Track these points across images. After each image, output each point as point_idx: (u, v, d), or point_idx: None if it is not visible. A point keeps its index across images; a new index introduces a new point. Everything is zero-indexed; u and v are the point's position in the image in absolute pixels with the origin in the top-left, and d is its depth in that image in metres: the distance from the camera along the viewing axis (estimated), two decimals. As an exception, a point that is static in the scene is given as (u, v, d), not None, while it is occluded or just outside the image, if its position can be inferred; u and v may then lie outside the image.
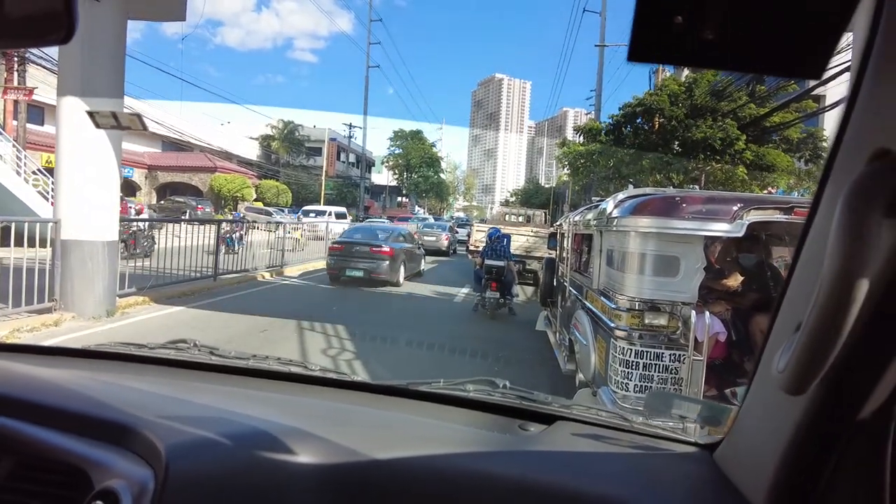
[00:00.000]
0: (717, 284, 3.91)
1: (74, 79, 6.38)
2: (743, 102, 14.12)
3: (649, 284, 3.08)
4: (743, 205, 2.86)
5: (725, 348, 3.54)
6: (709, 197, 3.12)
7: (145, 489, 0.77)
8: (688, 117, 14.39)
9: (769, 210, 2.89)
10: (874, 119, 0.55)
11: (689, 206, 2.95)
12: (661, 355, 3.08)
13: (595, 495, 0.84)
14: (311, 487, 0.85)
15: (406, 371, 4.92)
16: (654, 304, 3.07)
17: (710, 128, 13.81)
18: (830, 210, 0.52)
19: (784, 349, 0.57)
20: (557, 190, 47.02)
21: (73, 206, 6.49)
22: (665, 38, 0.45)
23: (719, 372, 3.45)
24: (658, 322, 3.07)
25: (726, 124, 13.69)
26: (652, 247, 3.06)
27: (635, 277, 3.12)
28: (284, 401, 1.15)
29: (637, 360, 3.10)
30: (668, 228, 2.97)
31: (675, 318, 3.05)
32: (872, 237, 0.46)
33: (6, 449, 0.89)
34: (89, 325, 6.29)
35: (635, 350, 3.10)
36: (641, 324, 3.09)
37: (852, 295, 0.48)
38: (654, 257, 3.07)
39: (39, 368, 1.19)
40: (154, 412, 0.92)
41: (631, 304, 3.11)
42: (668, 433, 1.11)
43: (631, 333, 3.11)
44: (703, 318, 2.99)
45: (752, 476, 0.78)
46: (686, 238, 2.98)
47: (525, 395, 1.26)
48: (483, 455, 0.94)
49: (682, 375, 3.04)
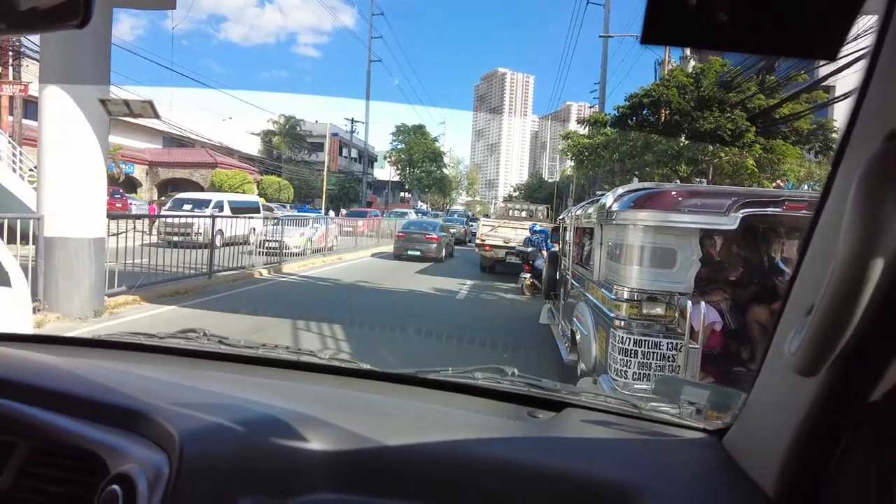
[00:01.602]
0: (715, 276, 4.03)
1: (57, 67, 6.10)
2: (752, 93, 13.69)
3: (647, 275, 3.19)
4: (736, 199, 2.97)
5: (722, 338, 3.66)
6: (704, 191, 3.23)
7: (160, 473, 0.78)
8: (695, 109, 13.85)
9: (761, 203, 3.00)
10: (890, 99, 0.55)
11: (685, 201, 3.06)
12: (659, 344, 3.20)
13: (604, 481, 0.85)
14: (322, 473, 0.87)
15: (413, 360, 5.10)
16: (651, 295, 3.19)
17: (718, 119, 13.32)
18: (844, 192, 0.52)
19: (796, 331, 0.58)
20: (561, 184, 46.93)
21: (57, 202, 6.19)
22: (678, 20, 0.45)
23: (716, 361, 3.57)
24: (656, 312, 3.18)
25: (735, 115, 13.22)
26: (650, 239, 3.17)
27: (634, 269, 3.24)
28: (295, 388, 1.17)
29: (635, 348, 3.22)
30: (666, 221, 3.09)
31: (672, 307, 3.17)
32: (888, 218, 0.46)
33: (23, 435, 0.91)
34: (75, 326, 6.12)
35: (634, 339, 3.22)
36: (640, 313, 3.20)
37: (867, 276, 0.48)
38: (651, 249, 3.18)
39: (53, 357, 1.21)
40: (167, 399, 0.94)
41: (630, 294, 3.23)
42: (676, 419, 1.11)
43: (630, 323, 3.23)
44: (699, 308, 3.11)
45: (762, 461, 0.79)
46: (682, 231, 3.09)
47: (533, 383, 1.26)
48: (493, 441, 0.95)
49: (679, 363, 3.16)
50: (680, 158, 14.39)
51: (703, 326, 3.15)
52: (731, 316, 3.59)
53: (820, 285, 0.52)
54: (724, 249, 4.25)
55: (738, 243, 4.10)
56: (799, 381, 0.67)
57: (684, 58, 17.85)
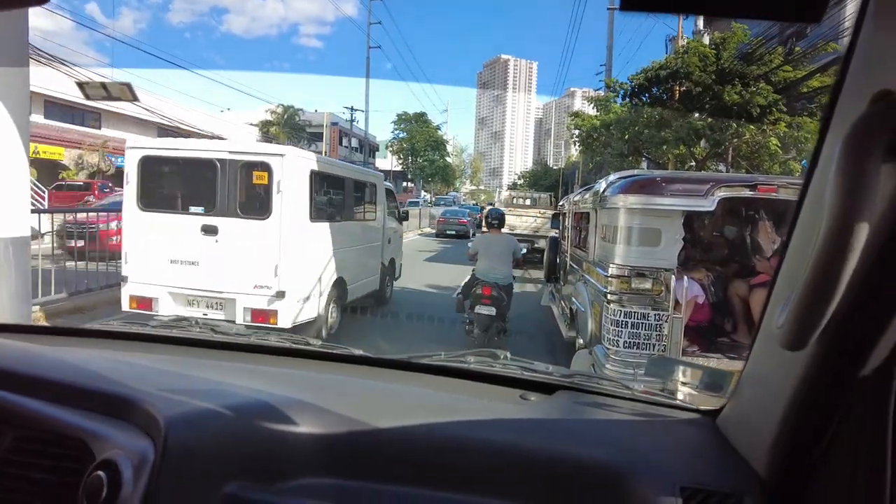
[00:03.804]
0: (699, 254, 4.39)
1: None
2: (776, 65, 12.31)
3: (636, 254, 3.55)
4: (714, 183, 3.31)
5: (708, 311, 4.02)
6: (685, 177, 3.58)
7: (145, 459, 0.78)
8: (716, 82, 12.66)
9: (736, 187, 3.34)
10: (875, 62, 0.53)
11: (669, 186, 3.41)
12: (647, 315, 3.56)
13: (597, 462, 0.85)
14: (311, 457, 0.87)
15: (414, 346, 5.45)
16: (640, 271, 3.54)
17: (740, 93, 11.99)
18: (831, 161, 0.49)
19: (783, 305, 0.56)
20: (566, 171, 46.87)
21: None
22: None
23: (700, 331, 3.93)
24: (644, 286, 3.54)
25: (762, 89, 11.90)
26: (637, 221, 3.52)
27: (624, 248, 3.59)
28: (286, 374, 1.16)
29: (626, 319, 3.58)
30: (651, 204, 3.44)
31: (658, 282, 3.52)
32: (872, 181, 0.45)
33: (8, 422, 0.90)
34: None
35: (625, 311, 3.58)
36: (629, 288, 3.56)
37: (850, 243, 0.46)
38: (639, 230, 3.53)
39: (39, 346, 1.20)
40: (153, 385, 0.94)
41: (620, 271, 3.59)
42: (669, 400, 1.11)
43: (621, 297, 3.59)
44: (682, 283, 3.46)
45: (754, 440, 0.79)
46: (667, 212, 3.44)
47: (526, 366, 1.26)
48: (484, 423, 0.95)
49: (665, 332, 3.53)
50: (700, 136, 13.24)
51: (686, 300, 3.51)
52: (714, 290, 3.94)
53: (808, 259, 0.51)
54: (707, 230, 4.60)
55: (720, 225, 4.45)
56: (788, 358, 0.67)
57: (698, 32, 16.59)
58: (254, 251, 4.73)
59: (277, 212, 4.70)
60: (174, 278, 4.84)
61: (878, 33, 0.54)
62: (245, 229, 4.77)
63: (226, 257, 4.77)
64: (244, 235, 4.76)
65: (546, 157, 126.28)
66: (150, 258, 4.91)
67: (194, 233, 4.80)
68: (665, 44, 17.63)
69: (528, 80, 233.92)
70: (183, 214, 4.93)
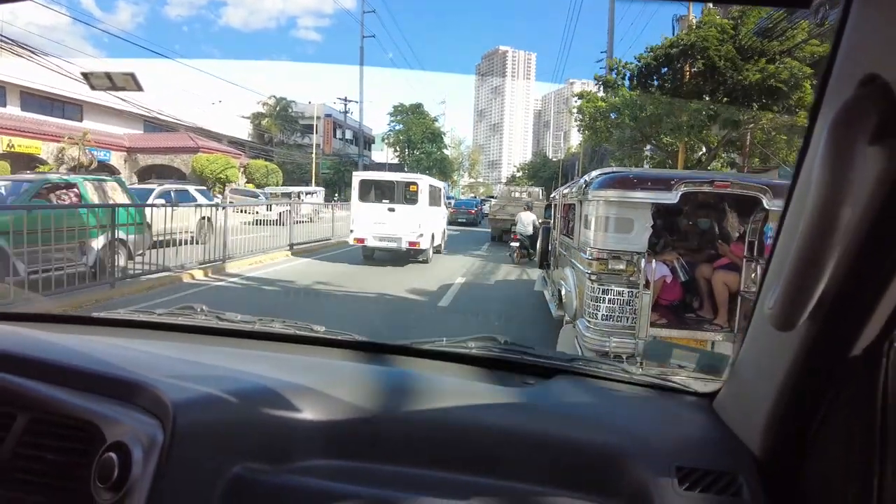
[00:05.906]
0: (674, 242, 4.98)
1: None
2: (801, 40, 11.38)
3: (612, 239, 4.13)
4: (677, 180, 3.89)
5: (679, 291, 4.60)
6: (655, 175, 4.16)
7: (155, 441, 0.81)
8: (735, 58, 11.81)
9: (696, 183, 3.92)
10: (862, 47, 0.54)
11: (640, 182, 3.98)
12: (622, 292, 4.15)
13: (596, 445, 0.87)
14: (315, 440, 0.89)
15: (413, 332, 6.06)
16: (615, 254, 4.12)
17: (762, 70, 11.05)
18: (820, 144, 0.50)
19: (774, 287, 0.58)
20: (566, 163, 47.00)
21: None
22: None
23: (673, 310, 4.53)
24: (619, 267, 4.12)
25: (787, 63, 11.12)
26: (614, 211, 4.10)
27: (602, 234, 4.17)
28: (290, 360, 1.18)
29: (604, 295, 4.17)
30: (626, 197, 4.01)
31: (631, 264, 4.10)
32: (857, 164, 0.45)
33: (21, 406, 0.92)
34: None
35: (602, 288, 4.16)
36: (607, 269, 4.14)
37: (836, 224, 0.47)
38: (615, 219, 4.11)
39: (52, 334, 1.23)
40: (162, 371, 0.96)
41: (599, 254, 4.17)
42: (666, 383, 1.12)
43: (599, 276, 4.17)
44: (651, 265, 4.04)
45: (749, 420, 0.80)
46: (638, 204, 4.01)
47: (525, 350, 1.27)
48: (485, 407, 0.96)
49: (637, 307, 4.11)
50: (716, 119, 12.41)
51: (654, 279, 4.09)
52: (682, 271, 4.52)
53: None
54: (676, 219, 5.20)
55: (693, 216, 5.03)
56: (781, 340, 0.68)
57: (708, 11, 15.08)
58: (410, 218, 11.03)
59: (419, 202, 11.24)
60: (374, 230, 11.06)
61: (865, 18, 0.55)
62: (407, 209, 11.12)
63: (398, 220, 11.02)
64: (406, 211, 11.06)
65: (545, 148, 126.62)
66: (363, 222, 11.15)
67: (384, 211, 11.13)
68: (672, 24, 16.07)
69: (528, 72, 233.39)
70: (378, 203, 11.28)
